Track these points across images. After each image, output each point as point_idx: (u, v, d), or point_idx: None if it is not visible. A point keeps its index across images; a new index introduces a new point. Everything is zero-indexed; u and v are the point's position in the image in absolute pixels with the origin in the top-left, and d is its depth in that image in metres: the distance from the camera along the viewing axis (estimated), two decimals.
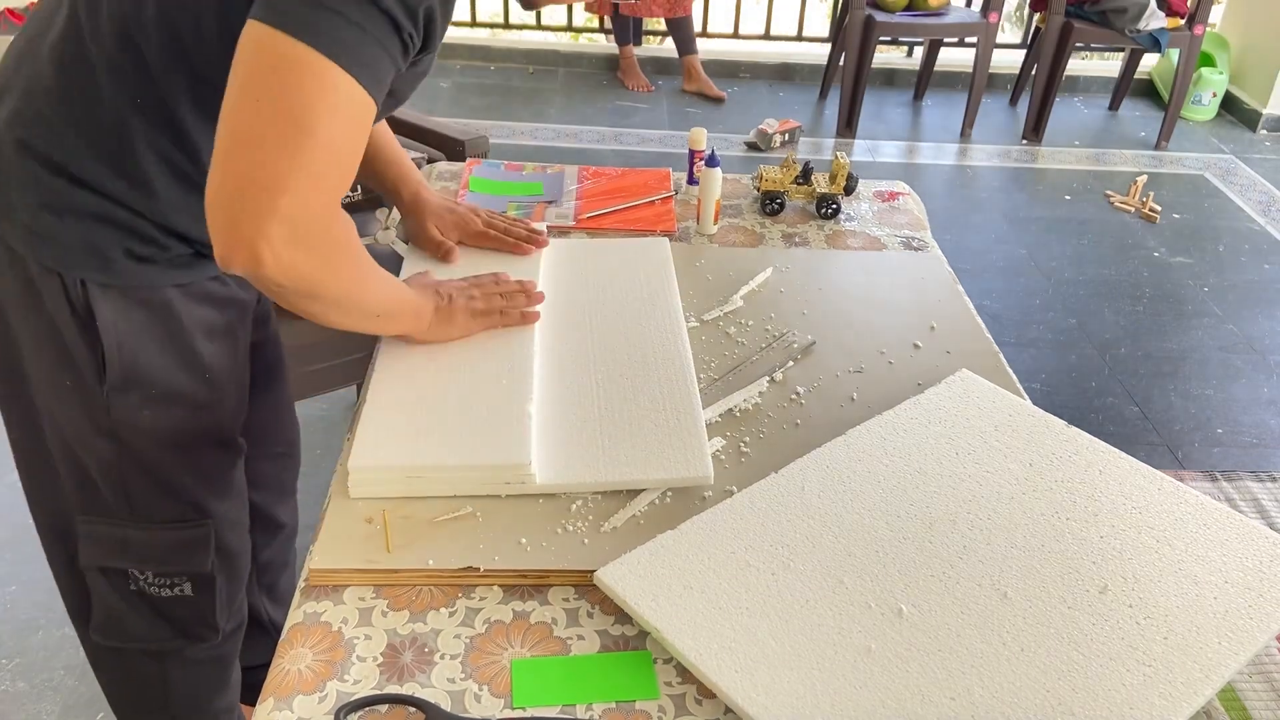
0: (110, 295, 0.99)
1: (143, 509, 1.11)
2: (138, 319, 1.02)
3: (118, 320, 1.00)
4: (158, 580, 1.17)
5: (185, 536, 1.15)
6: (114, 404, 1.04)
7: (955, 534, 0.93)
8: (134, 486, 1.10)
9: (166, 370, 1.05)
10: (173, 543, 1.15)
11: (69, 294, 0.98)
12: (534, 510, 0.96)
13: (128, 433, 1.06)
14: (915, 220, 1.58)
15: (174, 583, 1.17)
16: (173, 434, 1.09)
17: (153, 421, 1.07)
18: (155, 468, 1.10)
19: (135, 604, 1.18)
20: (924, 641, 0.82)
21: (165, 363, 1.05)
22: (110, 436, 1.06)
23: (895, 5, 4.09)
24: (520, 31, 5.14)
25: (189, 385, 1.08)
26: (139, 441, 1.07)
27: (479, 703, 0.80)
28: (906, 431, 1.06)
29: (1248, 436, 2.57)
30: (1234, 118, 4.67)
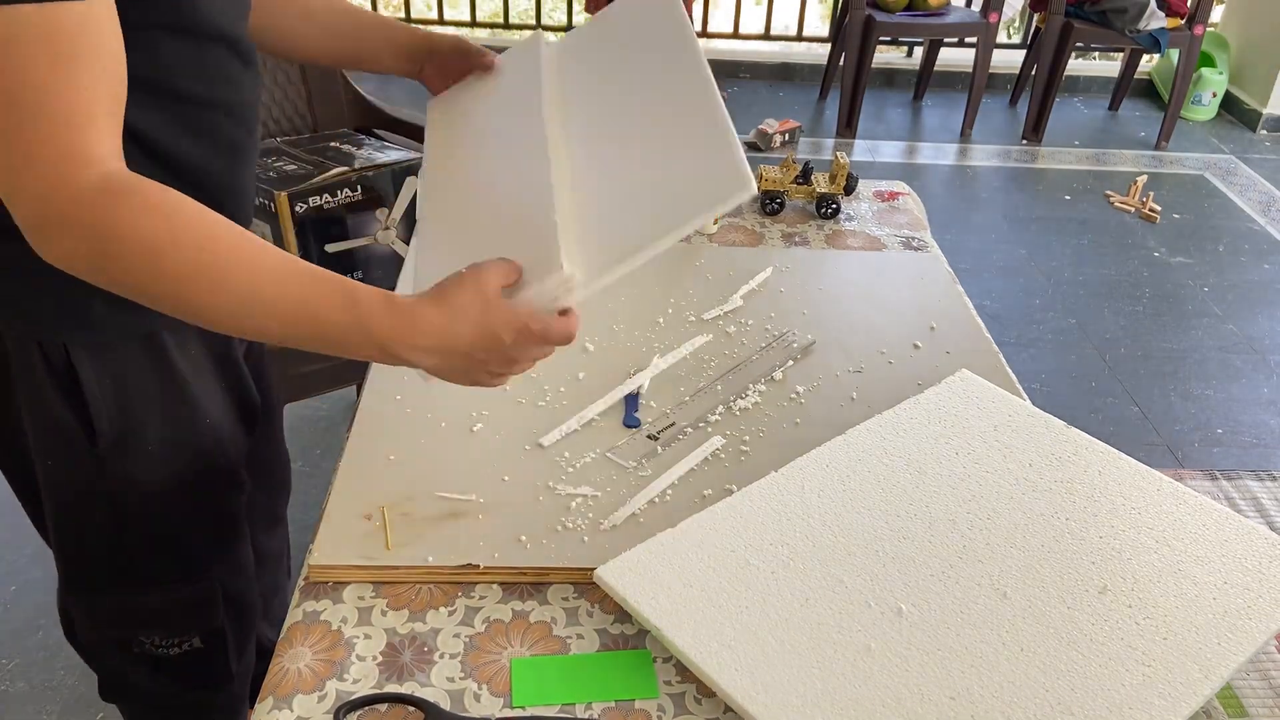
0: (95, 353, 0.92)
1: (145, 573, 1.06)
2: (127, 372, 0.94)
3: (103, 378, 0.93)
4: (165, 641, 1.12)
5: (192, 595, 1.09)
6: (109, 467, 0.97)
7: (955, 534, 0.93)
8: (135, 553, 1.04)
9: (163, 422, 0.98)
10: (179, 604, 1.09)
11: (48, 359, 0.91)
12: (534, 508, 0.96)
13: (125, 495, 1.00)
14: (915, 220, 1.58)
15: (182, 640, 1.13)
16: (175, 489, 1.02)
17: (152, 479, 1.00)
18: (158, 528, 1.04)
19: (139, 665, 1.14)
20: (924, 641, 0.82)
21: (161, 414, 0.98)
22: (106, 502, 1.00)
23: (895, 5, 4.09)
24: (520, 32, 5.14)
25: (189, 434, 1.01)
26: (137, 502, 1.01)
27: (478, 702, 0.80)
28: (906, 431, 1.06)
29: (1248, 436, 2.57)
30: (1234, 118, 4.67)
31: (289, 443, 1.40)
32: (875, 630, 0.83)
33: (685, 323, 1.27)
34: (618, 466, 1.02)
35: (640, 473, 1.01)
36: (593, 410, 1.09)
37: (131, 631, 1.11)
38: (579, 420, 1.08)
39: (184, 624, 1.12)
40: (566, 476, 1.00)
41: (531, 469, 1.01)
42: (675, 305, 1.30)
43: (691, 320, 1.27)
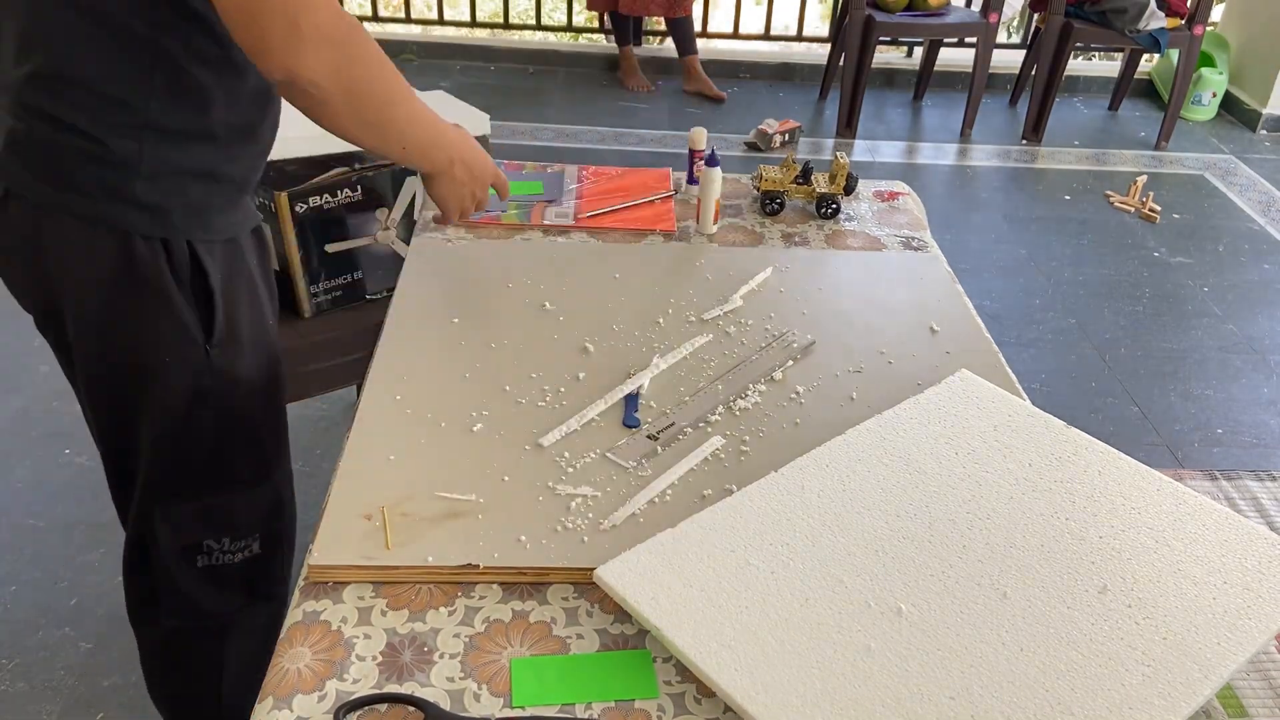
0: (214, 251, 1.05)
1: (228, 473, 1.16)
2: (232, 271, 1.07)
3: (222, 274, 1.06)
4: (233, 546, 1.20)
5: (259, 495, 1.20)
6: (215, 361, 1.08)
7: (954, 533, 0.93)
8: (225, 449, 1.14)
9: (253, 318, 1.11)
10: (248, 504, 1.19)
11: (173, 259, 1.02)
12: (534, 508, 0.96)
13: (228, 391, 1.10)
14: (915, 220, 1.59)
15: (246, 545, 1.21)
16: (260, 385, 1.14)
17: (245, 373, 1.12)
18: (246, 424, 1.15)
19: (207, 578, 1.20)
20: (923, 641, 0.82)
21: (251, 311, 1.11)
22: (210, 400, 1.10)
23: (895, 5, 4.09)
24: (520, 32, 5.14)
25: (267, 331, 1.15)
26: (234, 399, 1.12)
27: (478, 702, 0.80)
28: (906, 431, 1.06)
29: (1248, 436, 2.57)
30: (1234, 118, 4.67)
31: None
32: (875, 630, 0.83)
33: (685, 323, 1.27)
34: (618, 466, 1.02)
35: (640, 473, 1.01)
36: (593, 410, 1.09)
37: (210, 534, 1.18)
38: (579, 420, 1.08)
39: (253, 524, 1.20)
40: (566, 476, 1.00)
41: (531, 469, 1.01)
42: (675, 305, 1.30)
43: (691, 320, 1.27)
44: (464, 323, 1.23)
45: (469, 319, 1.24)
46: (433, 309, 1.26)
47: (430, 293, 1.30)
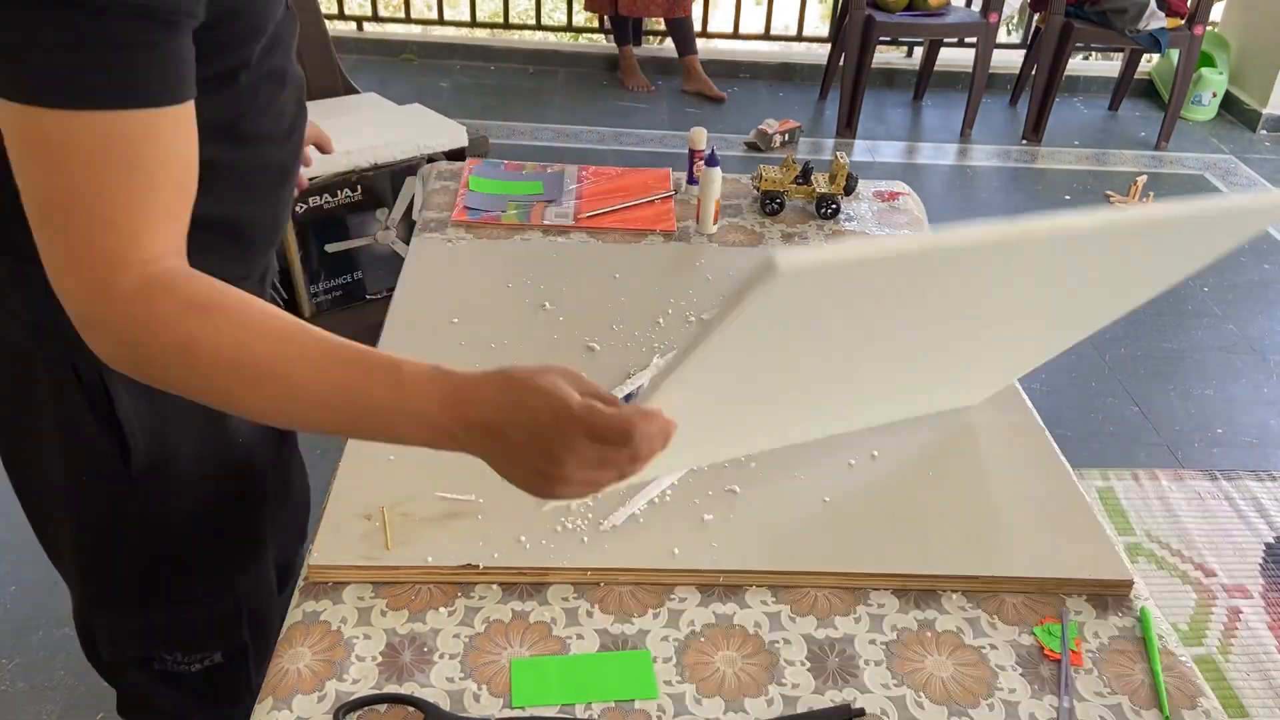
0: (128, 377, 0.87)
1: (173, 593, 1.06)
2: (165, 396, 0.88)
3: (138, 401, 0.92)
4: (186, 658, 1.12)
5: (216, 612, 1.09)
6: (143, 489, 0.97)
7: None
8: (165, 571, 1.04)
9: (198, 444, 0.98)
10: (205, 620, 1.09)
11: (82, 382, 0.90)
12: (533, 508, 0.96)
13: (157, 517, 1.00)
14: (915, 220, 1.58)
15: (203, 656, 1.12)
16: (206, 508, 1.02)
17: (184, 500, 1.00)
18: (185, 546, 1.03)
19: (159, 683, 1.13)
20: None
21: (194, 439, 0.97)
22: (138, 524, 1.00)
23: (895, 5, 4.09)
24: (520, 31, 5.14)
25: (221, 454, 1.01)
26: (169, 523, 1.01)
27: (478, 702, 0.80)
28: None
29: (1248, 436, 2.57)
30: (1234, 118, 4.67)
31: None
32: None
33: (685, 323, 1.27)
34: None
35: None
36: None
37: (155, 649, 1.10)
38: None
39: (207, 640, 1.11)
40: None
41: None
42: (675, 305, 1.30)
43: (691, 320, 1.27)
44: (464, 323, 1.23)
45: (469, 319, 1.24)
46: (433, 309, 1.25)
47: (430, 293, 1.29)
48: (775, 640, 0.86)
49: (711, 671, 0.83)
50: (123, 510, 0.99)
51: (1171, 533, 2.21)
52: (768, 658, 0.84)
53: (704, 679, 0.82)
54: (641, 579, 0.90)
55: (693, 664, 0.83)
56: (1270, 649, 1.94)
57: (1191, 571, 2.11)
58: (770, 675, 0.83)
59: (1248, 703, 1.81)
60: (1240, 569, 2.13)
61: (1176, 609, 2.02)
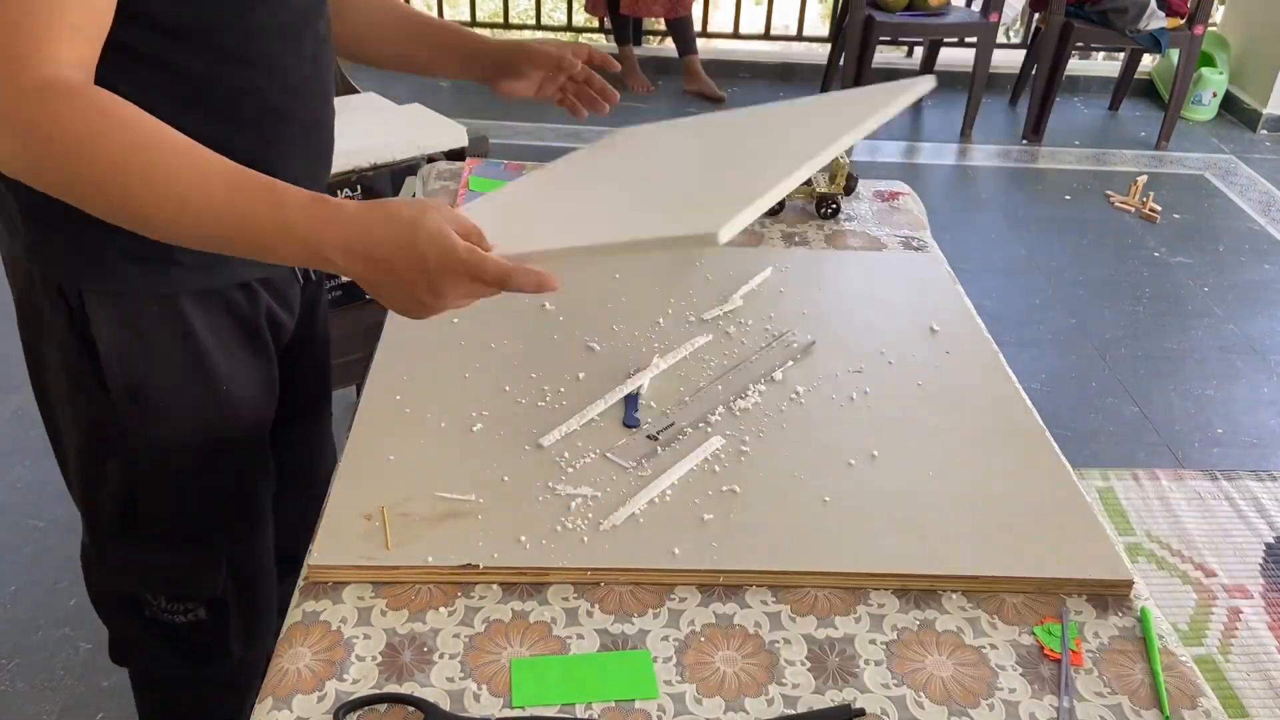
0: (109, 303, 0.94)
1: (153, 530, 1.08)
2: (143, 327, 0.96)
3: (117, 330, 0.95)
4: (170, 606, 1.14)
5: (196, 559, 1.11)
6: (121, 418, 1.00)
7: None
8: (145, 506, 1.06)
9: (174, 382, 1.00)
10: (183, 565, 1.11)
11: (68, 303, 0.94)
12: (534, 508, 0.96)
13: (137, 449, 1.02)
14: (915, 220, 1.58)
15: (187, 608, 1.14)
16: (185, 451, 1.04)
17: (163, 437, 1.02)
18: (167, 486, 1.06)
19: (150, 630, 1.15)
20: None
21: (173, 374, 1.00)
22: (120, 453, 1.02)
23: (895, 5, 4.09)
24: (520, 32, 5.14)
25: (202, 399, 1.02)
26: (150, 458, 1.03)
27: (478, 702, 0.80)
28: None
29: (1248, 436, 2.57)
30: (1234, 118, 4.67)
31: None
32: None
33: (685, 323, 1.27)
34: (617, 466, 1.02)
35: (640, 473, 1.01)
36: (593, 410, 1.09)
37: (139, 587, 1.13)
38: (579, 420, 1.08)
39: (187, 589, 1.13)
40: (566, 476, 1.00)
41: (531, 469, 1.01)
42: (675, 305, 1.30)
43: (691, 320, 1.27)
44: (464, 322, 1.23)
45: (470, 319, 1.24)
46: None
47: None
48: (775, 640, 0.86)
49: (711, 671, 0.83)
50: (105, 435, 1.01)
51: (1171, 533, 2.21)
52: (768, 658, 0.84)
53: (704, 679, 0.82)
54: (641, 579, 0.90)
55: (693, 664, 0.83)
56: (1270, 649, 1.94)
57: (1191, 571, 2.11)
58: (770, 675, 0.83)
59: (1248, 703, 1.81)
60: (1240, 569, 2.12)
61: (1176, 609, 2.02)
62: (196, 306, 0.98)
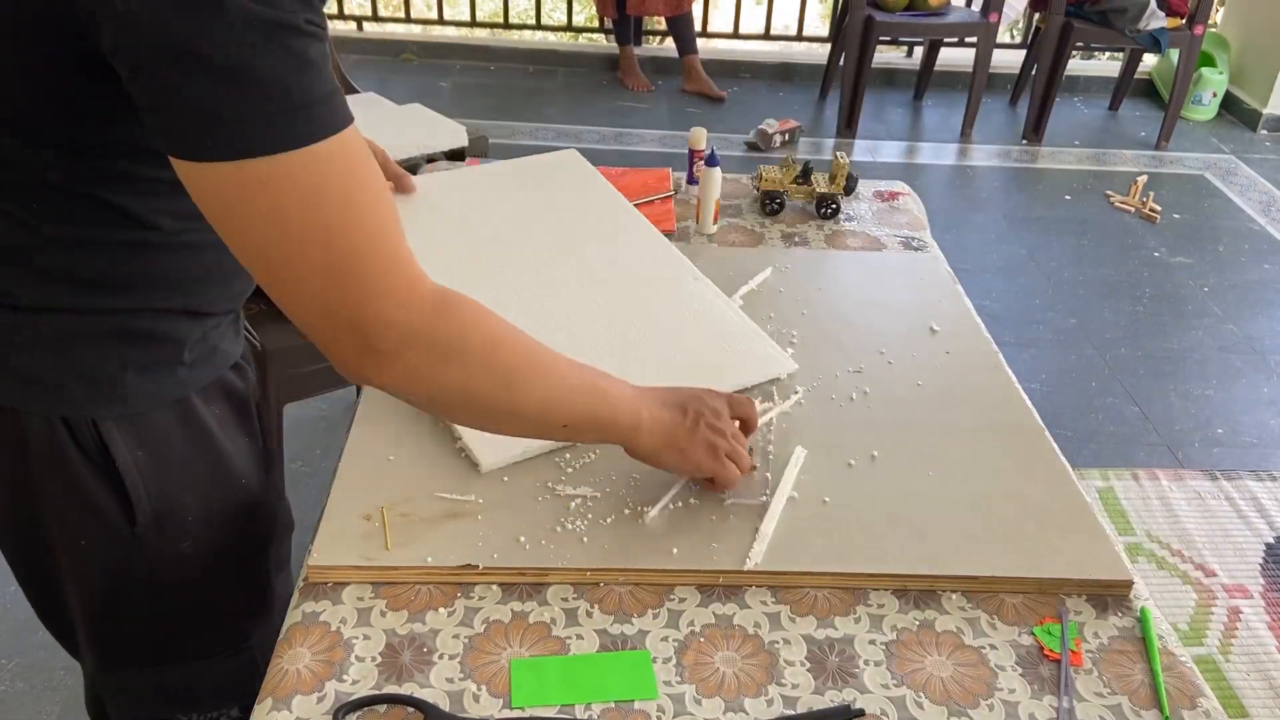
0: (127, 427, 0.86)
1: (186, 650, 1.01)
2: (162, 443, 0.88)
3: (137, 452, 0.87)
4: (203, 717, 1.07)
5: (230, 667, 1.04)
6: (149, 545, 0.92)
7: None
8: (175, 628, 0.99)
9: (202, 491, 0.94)
10: (218, 676, 1.04)
11: (77, 439, 0.85)
12: (533, 508, 0.96)
13: (167, 571, 0.94)
14: (915, 220, 1.58)
15: (221, 713, 1.07)
16: (214, 557, 0.97)
17: (194, 551, 0.95)
18: (197, 599, 0.98)
19: None
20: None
21: (199, 484, 0.93)
22: (145, 579, 0.94)
23: (895, 5, 4.09)
24: (520, 31, 5.14)
25: (228, 498, 0.97)
26: (180, 577, 0.95)
27: (478, 703, 0.80)
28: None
29: (1248, 436, 2.57)
30: (1234, 118, 4.67)
31: (289, 443, 1.40)
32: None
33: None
34: (618, 466, 1.02)
35: (637, 473, 1.01)
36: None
37: (169, 711, 1.05)
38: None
39: (224, 697, 1.07)
40: (566, 477, 1.00)
41: (531, 469, 1.01)
42: None
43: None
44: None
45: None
46: None
47: None
48: (775, 640, 0.86)
49: (711, 671, 0.83)
50: (128, 568, 0.93)
51: (1171, 533, 2.21)
52: (768, 658, 0.84)
53: (704, 679, 0.82)
54: (641, 579, 0.90)
55: (693, 664, 0.83)
56: (1270, 649, 1.94)
57: (1191, 571, 2.11)
58: (770, 675, 0.83)
59: (1248, 703, 1.81)
60: (1240, 569, 2.12)
61: (1176, 609, 2.02)
62: (202, 400, 0.92)
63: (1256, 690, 1.84)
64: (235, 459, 0.97)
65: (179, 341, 0.87)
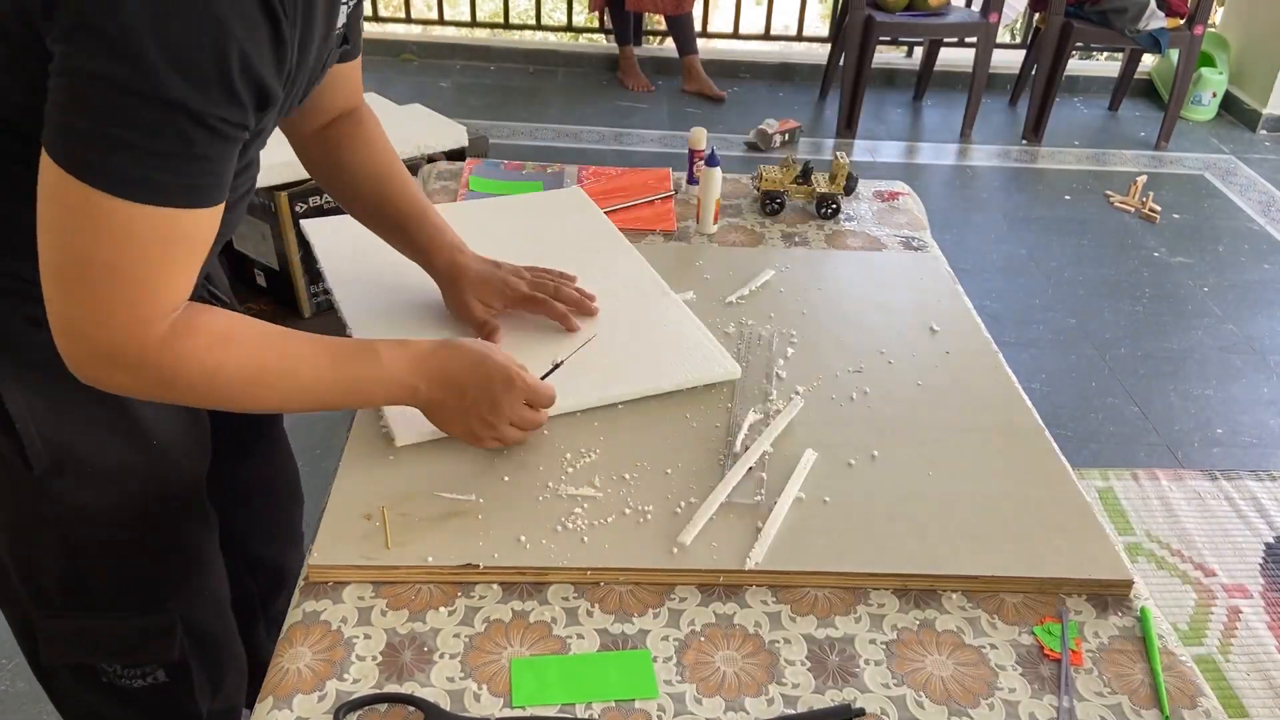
0: (22, 375, 0.90)
1: (99, 599, 1.04)
2: (61, 394, 0.90)
3: (32, 399, 0.91)
4: (127, 672, 1.10)
5: (148, 624, 1.07)
6: (50, 489, 0.96)
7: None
8: (87, 576, 1.02)
9: (101, 445, 0.96)
10: (136, 632, 1.07)
11: None
12: (534, 508, 0.96)
13: (71, 518, 0.98)
14: (915, 220, 1.58)
15: (145, 672, 1.10)
16: (122, 513, 1.00)
17: (96, 502, 0.98)
18: (107, 552, 1.02)
19: (108, 697, 1.11)
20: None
21: (99, 437, 0.96)
22: (53, 524, 0.98)
23: (895, 5, 4.09)
24: (520, 31, 5.14)
25: (132, 458, 0.99)
26: (85, 526, 0.99)
27: (478, 702, 0.80)
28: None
29: (1248, 436, 2.57)
30: (1234, 118, 4.67)
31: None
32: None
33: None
34: (619, 467, 1.02)
35: (637, 474, 1.01)
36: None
37: (91, 657, 1.08)
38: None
39: (142, 654, 1.09)
40: (567, 476, 1.00)
41: (532, 469, 1.01)
42: None
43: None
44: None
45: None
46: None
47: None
48: (775, 640, 0.86)
49: (711, 671, 0.83)
50: (34, 510, 0.98)
51: (1171, 533, 2.21)
52: (768, 658, 0.84)
53: (704, 679, 0.82)
54: (641, 579, 0.90)
55: (693, 664, 0.83)
56: (1270, 649, 1.94)
57: (1191, 571, 2.11)
58: (770, 675, 0.83)
59: (1248, 703, 1.81)
60: (1240, 569, 2.13)
61: (1176, 609, 2.02)
62: None
63: (1256, 690, 1.84)
64: (154, 423, 1.00)
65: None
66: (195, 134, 0.73)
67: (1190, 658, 0.87)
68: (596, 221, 1.46)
